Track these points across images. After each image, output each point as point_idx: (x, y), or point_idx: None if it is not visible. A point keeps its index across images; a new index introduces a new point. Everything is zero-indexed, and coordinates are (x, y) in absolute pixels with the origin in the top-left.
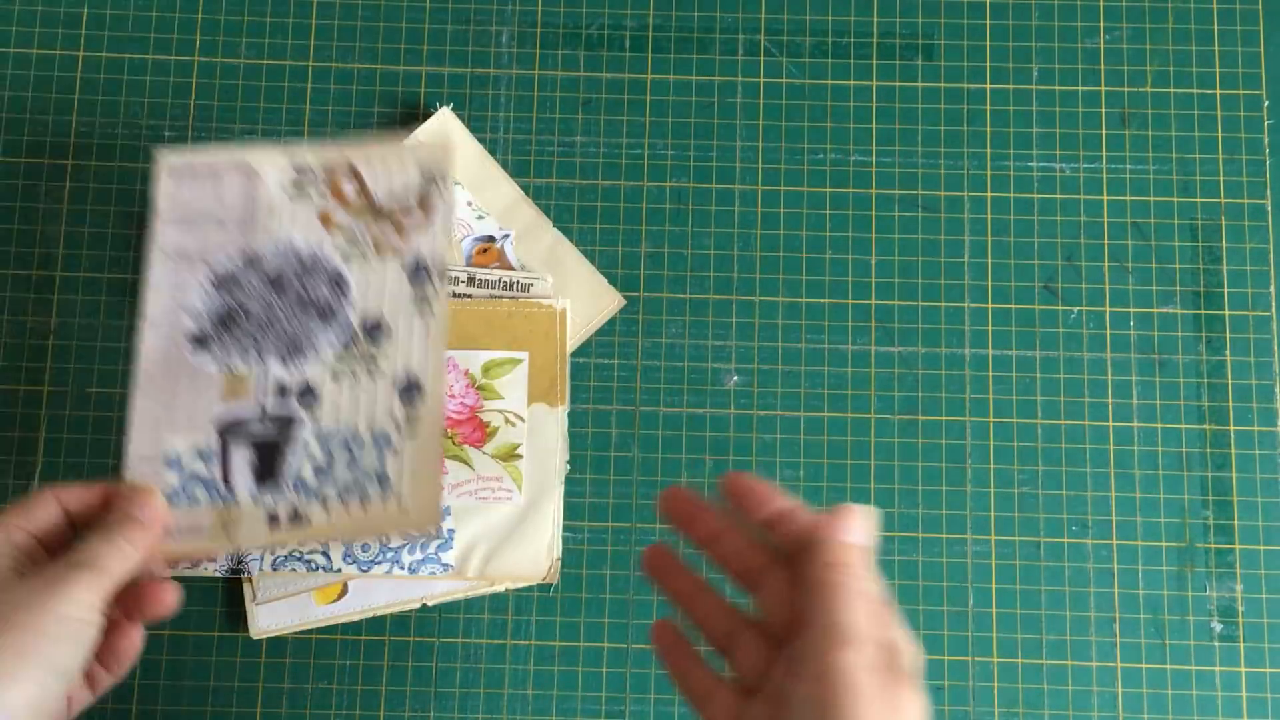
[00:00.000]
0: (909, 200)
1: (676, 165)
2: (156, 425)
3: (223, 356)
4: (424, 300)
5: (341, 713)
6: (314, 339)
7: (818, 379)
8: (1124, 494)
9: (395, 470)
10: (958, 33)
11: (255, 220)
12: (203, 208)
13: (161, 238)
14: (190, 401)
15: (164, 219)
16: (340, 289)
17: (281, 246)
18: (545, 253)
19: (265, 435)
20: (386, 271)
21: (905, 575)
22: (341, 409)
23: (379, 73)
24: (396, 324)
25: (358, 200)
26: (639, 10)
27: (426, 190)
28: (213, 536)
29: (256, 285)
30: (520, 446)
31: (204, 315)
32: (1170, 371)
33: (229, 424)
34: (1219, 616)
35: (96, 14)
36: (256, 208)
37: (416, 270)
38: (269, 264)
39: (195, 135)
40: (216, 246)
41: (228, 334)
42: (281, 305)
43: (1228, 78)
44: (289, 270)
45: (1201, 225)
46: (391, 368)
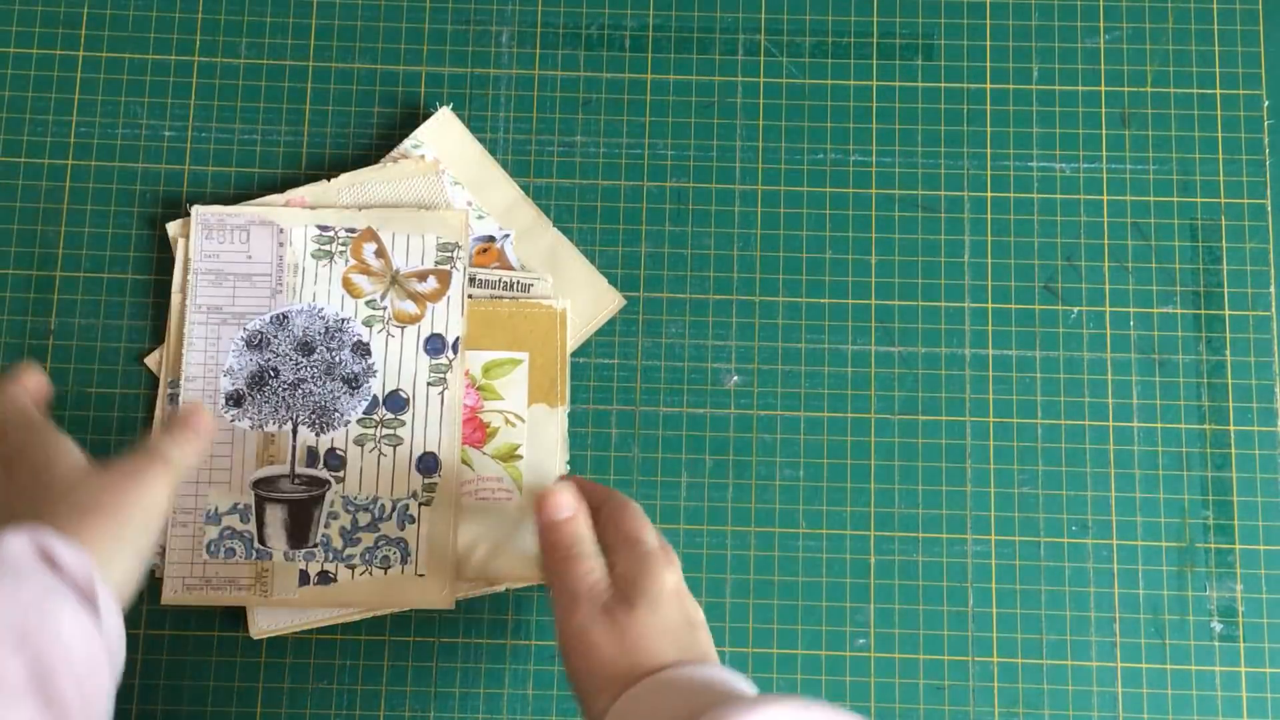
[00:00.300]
0: (909, 200)
1: (676, 165)
2: (197, 480)
3: (256, 416)
4: (439, 371)
5: (341, 713)
6: (339, 405)
7: (818, 379)
8: (1124, 494)
9: (413, 538)
10: (958, 33)
11: (282, 279)
12: (233, 263)
13: (196, 293)
14: (227, 460)
15: (198, 274)
16: (363, 357)
17: (308, 309)
18: (545, 253)
19: (296, 495)
20: (404, 341)
21: (905, 575)
22: (365, 475)
23: (379, 73)
24: (414, 394)
25: (378, 264)
26: (639, 10)
27: (443, 259)
28: (249, 589)
29: (286, 346)
30: (520, 447)
31: (238, 374)
32: (1170, 371)
33: (262, 482)
34: (1219, 616)
35: (96, 14)
36: (284, 266)
37: (432, 341)
38: (296, 325)
39: (195, 135)
40: (247, 304)
41: (260, 394)
42: (309, 369)
43: (1228, 78)
44: (316, 333)
45: (1201, 225)
46: (409, 437)
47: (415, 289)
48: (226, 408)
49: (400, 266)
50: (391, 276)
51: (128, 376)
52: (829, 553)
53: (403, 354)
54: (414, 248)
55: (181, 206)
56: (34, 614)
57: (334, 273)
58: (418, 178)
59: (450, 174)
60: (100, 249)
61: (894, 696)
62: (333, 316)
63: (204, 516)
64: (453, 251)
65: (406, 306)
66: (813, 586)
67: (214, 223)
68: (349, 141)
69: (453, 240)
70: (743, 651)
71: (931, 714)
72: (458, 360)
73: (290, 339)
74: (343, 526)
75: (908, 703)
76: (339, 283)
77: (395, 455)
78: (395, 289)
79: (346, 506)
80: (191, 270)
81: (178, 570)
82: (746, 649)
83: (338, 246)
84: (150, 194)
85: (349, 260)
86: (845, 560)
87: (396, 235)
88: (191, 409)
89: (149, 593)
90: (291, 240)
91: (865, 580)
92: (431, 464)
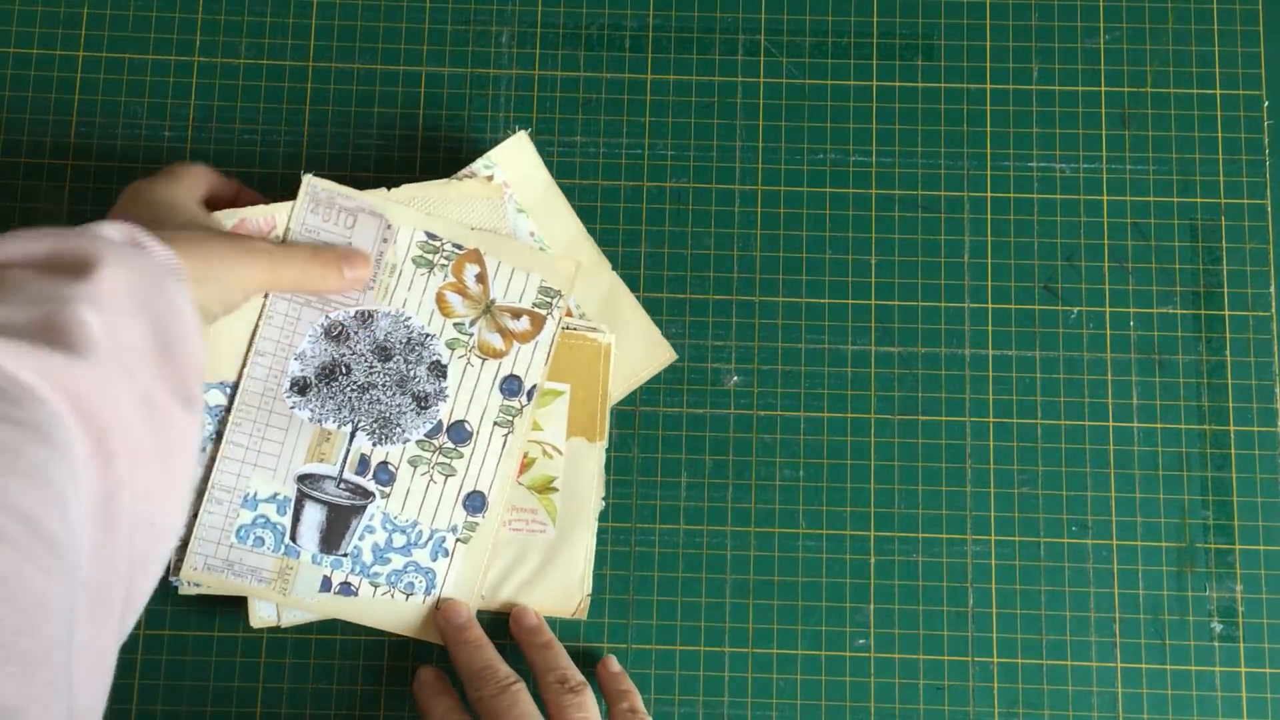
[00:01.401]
0: (909, 200)
1: (676, 165)
2: (242, 460)
3: (318, 410)
4: (509, 414)
5: (341, 712)
6: (404, 421)
7: (818, 379)
8: (1124, 494)
9: (442, 572)
10: (958, 33)
11: (377, 276)
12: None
13: None
14: (278, 446)
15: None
16: (438, 379)
17: (395, 313)
18: (603, 295)
19: (338, 499)
20: (483, 374)
21: (905, 575)
22: (410, 497)
23: (379, 73)
24: (479, 430)
25: (476, 289)
26: (639, 10)
27: (542, 303)
28: (270, 583)
29: (364, 346)
30: (556, 480)
31: (310, 361)
32: (1170, 371)
33: (307, 478)
34: (1219, 617)
35: (96, 14)
36: (381, 263)
37: (510, 381)
38: (380, 327)
39: (195, 135)
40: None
41: (327, 388)
42: (382, 375)
43: (1228, 78)
44: (397, 342)
45: (1201, 225)
46: (463, 471)
47: (507, 324)
48: (290, 393)
49: (497, 298)
50: (486, 305)
51: None
52: (829, 553)
53: (477, 386)
54: (516, 283)
55: None
56: (150, 283)
57: (430, 284)
58: (480, 200)
59: (516, 200)
60: None
61: (894, 696)
62: (418, 329)
63: (241, 499)
64: (553, 298)
65: (493, 340)
66: (813, 586)
67: (323, 198)
68: (349, 141)
69: (557, 287)
70: (743, 651)
71: (931, 714)
72: (529, 407)
73: (370, 340)
74: (376, 543)
75: (908, 703)
76: (433, 296)
77: (445, 485)
78: (487, 319)
79: (385, 524)
80: (289, 238)
81: (203, 547)
82: (746, 649)
83: (440, 259)
84: None
85: (448, 276)
86: (845, 560)
87: (502, 265)
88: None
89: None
90: (397, 239)
91: (865, 580)
92: (479, 503)
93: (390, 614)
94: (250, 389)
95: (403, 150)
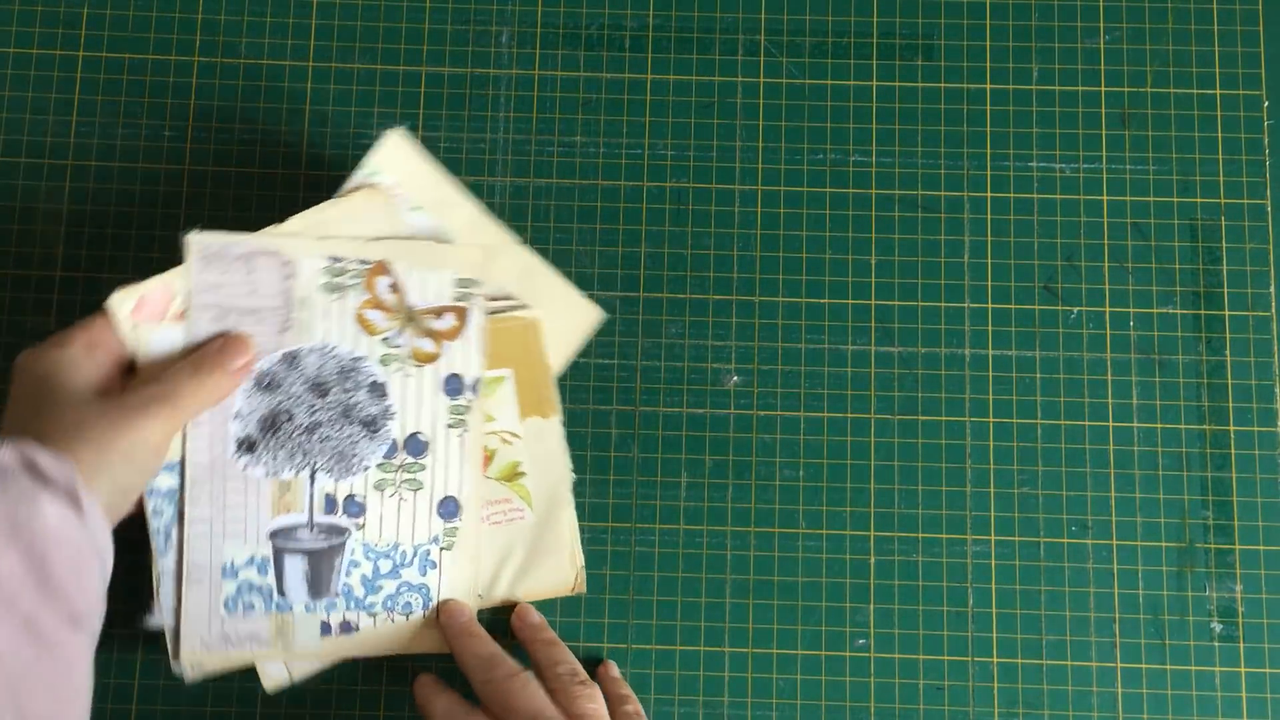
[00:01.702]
0: (909, 200)
1: (676, 165)
2: (210, 534)
3: (270, 463)
4: (459, 413)
5: (342, 712)
6: (359, 449)
7: (818, 379)
8: (1124, 494)
9: (434, 583)
10: (958, 33)
11: (290, 315)
12: (236, 298)
13: (197, 330)
14: (241, 510)
15: (198, 308)
16: (380, 398)
17: (320, 346)
18: (518, 273)
19: (315, 545)
20: (423, 382)
21: (905, 575)
22: (385, 521)
23: (379, 73)
24: (434, 437)
25: (393, 299)
26: (639, 10)
27: (460, 295)
28: (270, 644)
29: (298, 388)
30: (522, 464)
31: (249, 418)
32: (1170, 371)
33: (280, 533)
34: (1219, 617)
35: (96, 14)
36: (291, 301)
37: (451, 381)
38: (309, 365)
39: (195, 135)
40: (254, 343)
41: (274, 439)
42: (324, 411)
43: (1228, 78)
44: (329, 373)
45: (1201, 225)
46: (430, 482)
47: (432, 326)
48: (238, 454)
49: (416, 302)
50: (408, 312)
51: None
52: (829, 553)
53: (422, 395)
54: (430, 283)
55: (181, 208)
56: (22, 507)
57: (346, 308)
58: (372, 210)
59: (408, 199)
60: (100, 249)
61: (894, 696)
62: (346, 356)
63: (220, 572)
64: (470, 288)
65: (424, 344)
66: (813, 586)
67: (214, 252)
68: (349, 141)
69: (471, 275)
70: (743, 651)
71: (931, 714)
72: (477, 401)
73: (302, 380)
74: (364, 575)
75: (908, 703)
76: (352, 318)
77: (415, 500)
78: (412, 326)
79: (367, 554)
80: (191, 304)
81: (195, 628)
82: (746, 649)
83: (349, 279)
84: (150, 193)
85: (362, 294)
86: (845, 560)
87: (412, 269)
88: (233, 345)
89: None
90: (299, 272)
91: (865, 580)
92: (452, 508)
93: (395, 638)
94: (197, 462)
95: None
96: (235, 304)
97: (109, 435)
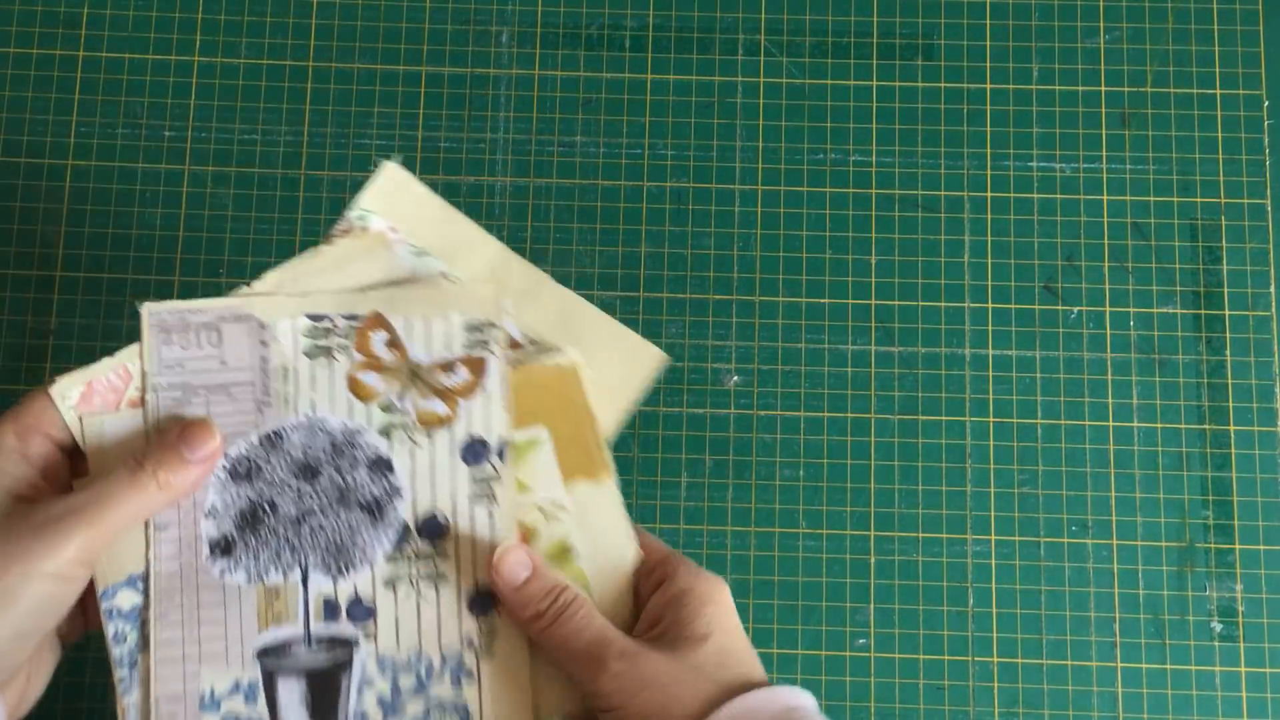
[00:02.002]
0: (909, 200)
1: (676, 165)
2: (183, 658)
3: (253, 566)
4: (484, 483)
5: None
6: (360, 539)
7: (818, 379)
8: (1124, 494)
9: (474, 700)
10: (958, 33)
11: (269, 388)
12: (204, 374)
13: (159, 415)
14: (220, 626)
15: (159, 391)
16: (384, 475)
17: (307, 422)
18: (554, 314)
19: (315, 663)
20: (436, 451)
21: (905, 575)
22: (403, 626)
23: (379, 73)
24: (455, 516)
25: (391, 358)
26: (639, 10)
27: (473, 343)
28: None
29: (282, 473)
30: (573, 542)
31: (223, 514)
32: (1170, 371)
33: (270, 650)
34: (1219, 616)
35: (96, 14)
36: (269, 371)
37: (471, 447)
38: (294, 444)
39: (195, 135)
40: (226, 424)
41: (255, 537)
42: (316, 497)
43: (1228, 78)
44: (320, 452)
45: (1201, 225)
46: (455, 571)
47: (442, 383)
48: (213, 558)
49: (420, 358)
50: (410, 370)
51: None
52: (829, 553)
53: (434, 467)
54: (436, 332)
55: (181, 208)
56: None
57: (336, 374)
58: (364, 259)
59: (410, 243)
60: (100, 249)
61: (894, 696)
62: (340, 429)
63: (198, 703)
64: (486, 333)
65: (433, 406)
66: (813, 586)
67: (173, 323)
68: (349, 141)
69: (485, 319)
70: None
71: (931, 714)
72: (506, 469)
73: (287, 464)
74: (380, 695)
75: (908, 703)
76: (344, 385)
77: (439, 596)
78: (417, 386)
79: (383, 669)
80: (150, 387)
81: None
82: None
83: (337, 340)
84: (150, 194)
85: (354, 356)
86: (845, 560)
87: (413, 319)
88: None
89: None
90: (277, 337)
91: (865, 580)
92: (488, 602)
93: None
94: (164, 572)
95: (403, 150)
96: (203, 381)
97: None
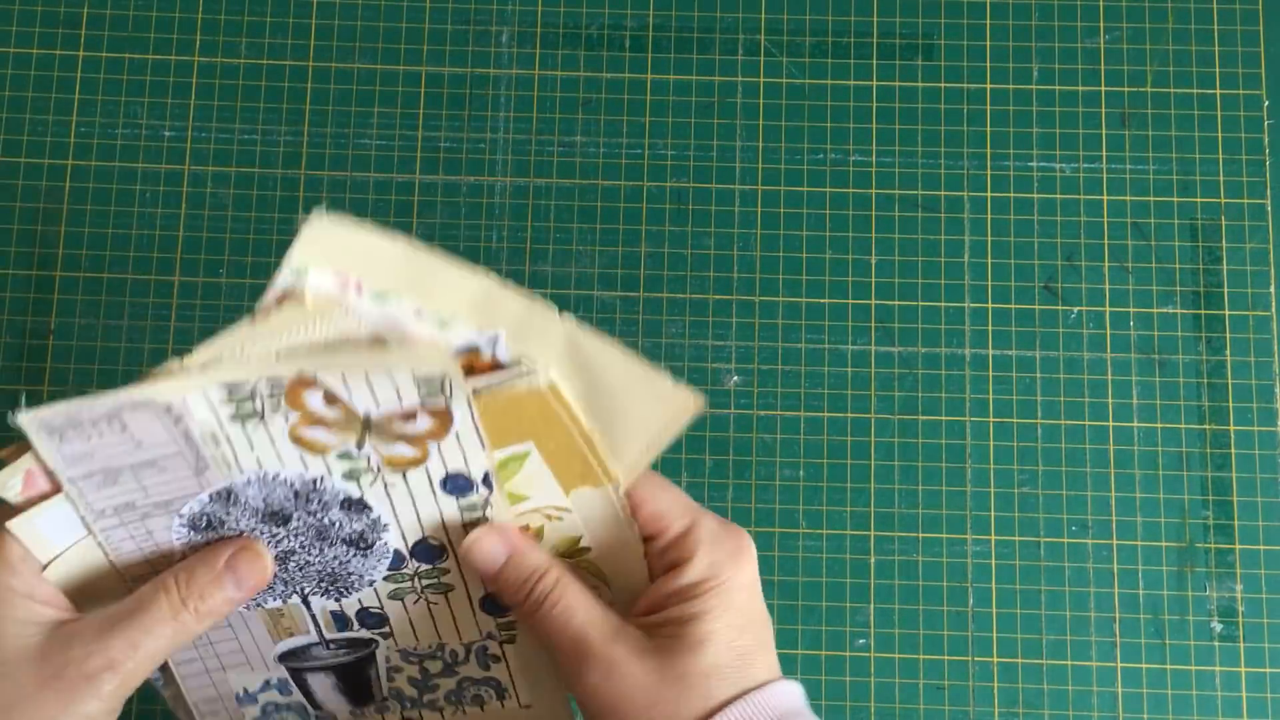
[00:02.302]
0: (909, 200)
1: (676, 165)
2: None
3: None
4: (473, 509)
5: None
6: (353, 568)
7: (818, 379)
8: (1124, 494)
9: (504, 675)
10: (958, 33)
11: (202, 454)
12: (119, 455)
13: (89, 501)
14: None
15: (75, 482)
16: (361, 513)
17: (257, 477)
18: (561, 350)
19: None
20: (414, 486)
21: (905, 575)
22: (418, 626)
23: (379, 73)
24: (449, 539)
25: (334, 413)
26: (639, 10)
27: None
28: None
29: (248, 522)
30: (581, 538)
31: None
32: (1170, 371)
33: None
34: (1219, 616)
35: (96, 14)
36: (195, 440)
37: (453, 480)
38: (252, 498)
39: (195, 135)
40: (166, 490)
41: None
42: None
43: (1228, 78)
44: (282, 500)
45: (1201, 225)
46: (461, 581)
47: (405, 430)
48: None
49: (369, 411)
50: (363, 421)
51: (128, 377)
52: (829, 553)
53: (416, 500)
54: (381, 386)
55: (181, 208)
56: None
57: (275, 432)
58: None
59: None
60: (100, 249)
61: (894, 696)
62: (298, 479)
63: (235, 699)
64: (442, 383)
65: (400, 450)
66: (813, 586)
67: (61, 424)
68: (349, 141)
69: (437, 372)
70: None
71: (931, 714)
72: (496, 494)
73: (250, 514)
74: (412, 677)
75: (908, 703)
76: (287, 441)
77: (450, 601)
78: (374, 435)
79: (407, 658)
80: (65, 483)
81: None
82: None
83: (264, 403)
84: (150, 194)
85: (290, 415)
86: (845, 560)
87: (348, 376)
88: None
89: None
90: (191, 412)
91: (865, 580)
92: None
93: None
94: None
95: (403, 150)
96: (121, 463)
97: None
